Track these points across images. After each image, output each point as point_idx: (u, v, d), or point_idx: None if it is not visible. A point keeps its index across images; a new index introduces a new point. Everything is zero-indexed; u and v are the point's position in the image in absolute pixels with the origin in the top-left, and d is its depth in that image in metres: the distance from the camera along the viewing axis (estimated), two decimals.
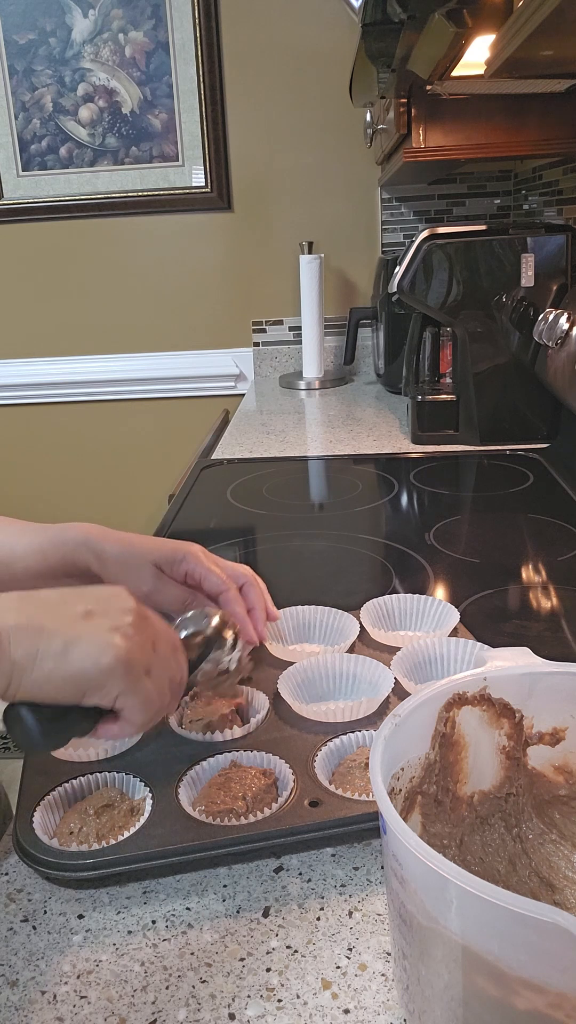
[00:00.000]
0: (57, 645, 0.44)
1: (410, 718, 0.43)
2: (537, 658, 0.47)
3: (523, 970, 0.30)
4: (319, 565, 1.01)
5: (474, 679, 0.46)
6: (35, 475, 2.39)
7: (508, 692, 0.47)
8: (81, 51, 2.06)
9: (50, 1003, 0.44)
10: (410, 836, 0.33)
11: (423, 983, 0.36)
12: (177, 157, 2.12)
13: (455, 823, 0.47)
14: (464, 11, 0.86)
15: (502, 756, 0.47)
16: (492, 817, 0.48)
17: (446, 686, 0.45)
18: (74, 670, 0.44)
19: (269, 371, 2.27)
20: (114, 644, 0.45)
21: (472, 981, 0.33)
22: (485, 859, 0.47)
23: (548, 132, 1.31)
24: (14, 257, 2.22)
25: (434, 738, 0.45)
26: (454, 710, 0.45)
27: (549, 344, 1.29)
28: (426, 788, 0.45)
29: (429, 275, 1.41)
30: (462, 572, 0.96)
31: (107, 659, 0.45)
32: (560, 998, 0.30)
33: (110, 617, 0.47)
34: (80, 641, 0.44)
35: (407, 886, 0.35)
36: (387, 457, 1.46)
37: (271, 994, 0.44)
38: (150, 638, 0.49)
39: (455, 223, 2.09)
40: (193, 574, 0.63)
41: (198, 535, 1.11)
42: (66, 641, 0.44)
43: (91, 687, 0.45)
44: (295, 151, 2.10)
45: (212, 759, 0.59)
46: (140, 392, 2.30)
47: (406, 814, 0.44)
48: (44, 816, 0.55)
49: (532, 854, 0.47)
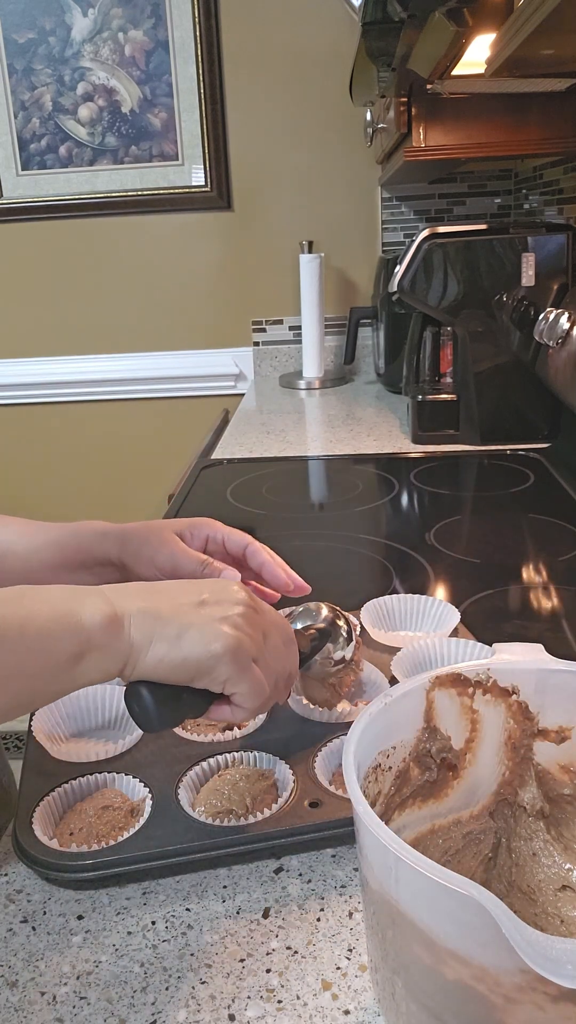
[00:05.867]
0: (172, 630, 0.46)
1: (402, 700, 0.44)
2: (547, 655, 0.47)
3: (450, 942, 0.32)
4: (319, 565, 1.01)
5: (478, 668, 0.46)
6: (35, 475, 2.39)
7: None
8: (81, 50, 2.06)
9: (50, 1004, 0.44)
10: (362, 803, 0.35)
11: (374, 938, 0.39)
12: (177, 156, 2.12)
13: (450, 808, 0.47)
14: (464, 10, 0.86)
15: (507, 748, 0.47)
16: (486, 815, 0.48)
17: (446, 669, 0.46)
18: (185, 654, 0.46)
19: (269, 371, 2.27)
20: (223, 632, 0.47)
21: (409, 946, 0.34)
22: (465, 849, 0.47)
23: (549, 131, 1.31)
24: (13, 257, 2.22)
25: (428, 717, 0.46)
26: (451, 690, 0.46)
27: (550, 344, 1.29)
28: (416, 771, 0.45)
29: (429, 274, 1.41)
30: (462, 572, 0.96)
31: (216, 646, 0.47)
32: (482, 971, 0.31)
33: (222, 607, 0.49)
34: (192, 628, 0.47)
35: (363, 852, 0.37)
36: (387, 457, 1.45)
37: (271, 995, 0.44)
38: (260, 629, 0.51)
39: (455, 222, 2.09)
40: (215, 538, 0.67)
41: None
42: (180, 627, 0.47)
43: (201, 671, 0.47)
44: (295, 150, 2.10)
45: (212, 759, 0.59)
46: (140, 392, 2.29)
47: (397, 791, 0.45)
48: (44, 816, 0.55)
49: (516, 853, 0.47)
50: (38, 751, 0.61)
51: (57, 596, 0.45)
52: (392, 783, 0.44)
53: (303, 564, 0.71)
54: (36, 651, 0.42)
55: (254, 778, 0.57)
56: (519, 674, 0.46)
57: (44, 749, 0.61)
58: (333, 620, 0.62)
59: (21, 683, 0.42)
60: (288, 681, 0.55)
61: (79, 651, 0.43)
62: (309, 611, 0.63)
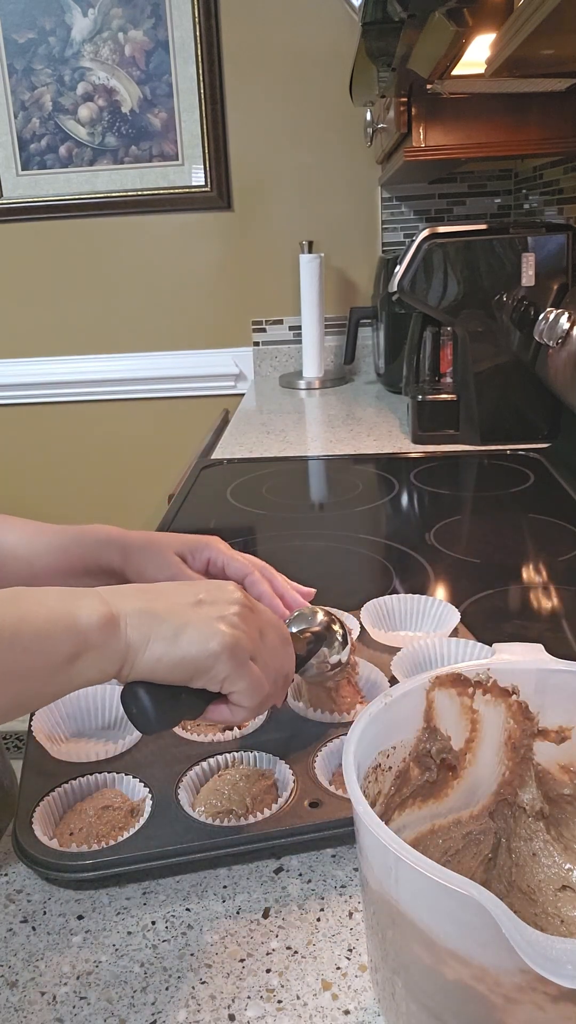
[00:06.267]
0: (168, 630, 0.46)
1: (402, 700, 0.44)
2: (547, 655, 0.47)
3: (450, 942, 0.32)
4: (319, 565, 1.01)
5: (478, 668, 0.46)
6: (35, 475, 2.38)
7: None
8: (80, 50, 2.06)
9: (50, 1004, 0.44)
10: (362, 803, 0.35)
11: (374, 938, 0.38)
12: (177, 156, 2.12)
13: (450, 808, 0.47)
14: (464, 10, 0.86)
15: (507, 748, 0.47)
16: (486, 815, 0.48)
17: (446, 669, 0.46)
18: (183, 653, 0.46)
19: (269, 371, 2.27)
20: (221, 631, 0.48)
21: (409, 946, 0.34)
22: (465, 849, 0.47)
23: (549, 131, 1.31)
24: (13, 257, 2.22)
25: (428, 717, 0.45)
26: (451, 690, 0.46)
27: (550, 344, 1.29)
28: (416, 772, 0.45)
29: (429, 274, 1.41)
30: (462, 572, 0.96)
31: (214, 644, 0.47)
32: (482, 971, 0.31)
33: (218, 607, 0.49)
34: (189, 627, 0.47)
35: (363, 852, 0.37)
36: (387, 457, 1.45)
37: (271, 995, 0.44)
38: (257, 628, 0.51)
39: (455, 222, 2.09)
40: (216, 561, 0.67)
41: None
42: (177, 626, 0.47)
43: (199, 670, 0.47)
44: (295, 150, 2.10)
45: (212, 759, 0.59)
46: (140, 392, 2.29)
47: (397, 791, 0.45)
48: (44, 817, 0.55)
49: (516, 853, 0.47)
50: (38, 751, 0.61)
51: (53, 597, 0.45)
52: (392, 783, 0.44)
53: (303, 564, 0.71)
54: (32, 652, 0.42)
55: (254, 778, 0.57)
56: (519, 674, 0.46)
57: (44, 749, 0.61)
58: (328, 624, 0.62)
59: (17, 684, 0.42)
60: (285, 681, 0.55)
61: (75, 651, 0.43)
62: (304, 615, 0.63)
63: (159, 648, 0.46)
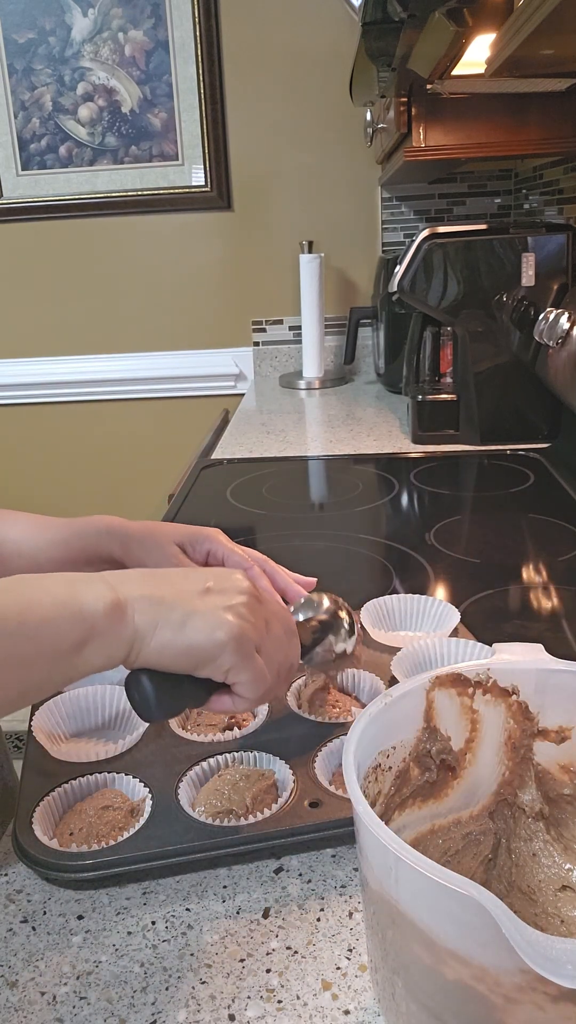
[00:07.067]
0: (176, 617, 0.46)
1: (402, 700, 0.44)
2: (547, 655, 0.47)
3: (450, 942, 0.32)
4: (319, 565, 1.01)
5: (478, 668, 0.46)
6: (35, 475, 2.38)
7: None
8: (80, 50, 2.06)
9: (50, 1004, 0.44)
10: (362, 803, 0.35)
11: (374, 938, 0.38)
12: (177, 156, 2.12)
13: (450, 808, 0.47)
14: (464, 10, 0.86)
15: (507, 748, 0.47)
16: (486, 815, 0.48)
17: (446, 669, 0.46)
18: (189, 641, 0.46)
19: (269, 371, 2.27)
20: (228, 621, 0.47)
21: (409, 946, 0.34)
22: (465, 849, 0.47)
23: (549, 131, 1.31)
24: (13, 256, 2.22)
25: (428, 717, 0.45)
26: (451, 690, 0.46)
27: (550, 344, 1.29)
28: (416, 772, 0.45)
29: (429, 274, 1.41)
30: (462, 572, 0.96)
31: (220, 634, 0.47)
32: (482, 971, 0.31)
33: (226, 596, 0.49)
34: (196, 615, 0.47)
35: (363, 852, 0.37)
36: (387, 457, 1.45)
37: (271, 995, 0.44)
38: (263, 618, 0.51)
39: (455, 222, 2.09)
40: (216, 553, 0.67)
41: None
42: (184, 614, 0.47)
43: (204, 659, 0.47)
44: (295, 150, 2.10)
45: (212, 759, 0.59)
46: (140, 392, 2.29)
47: (397, 791, 0.45)
48: (44, 816, 0.55)
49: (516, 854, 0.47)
50: (38, 751, 0.61)
51: (58, 583, 0.45)
52: (392, 783, 0.44)
53: (303, 564, 0.71)
54: (38, 639, 0.42)
55: (254, 778, 0.57)
56: (519, 674, 0.46)
57: (44, 749, 0.61)
58: (335, 612, 0.62)
59: (22, 672, 0.41)
60: (289, 672, 0.54)
61: (82, 638, 0.43)
62: (311, 602, 0.62)
63: (166, 635, 0.46)
